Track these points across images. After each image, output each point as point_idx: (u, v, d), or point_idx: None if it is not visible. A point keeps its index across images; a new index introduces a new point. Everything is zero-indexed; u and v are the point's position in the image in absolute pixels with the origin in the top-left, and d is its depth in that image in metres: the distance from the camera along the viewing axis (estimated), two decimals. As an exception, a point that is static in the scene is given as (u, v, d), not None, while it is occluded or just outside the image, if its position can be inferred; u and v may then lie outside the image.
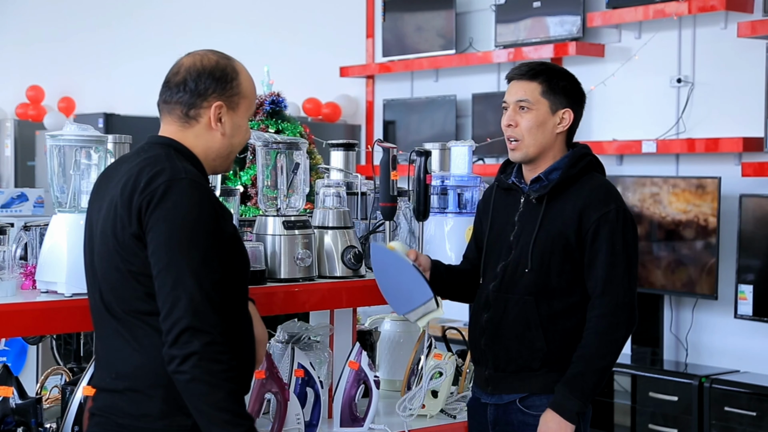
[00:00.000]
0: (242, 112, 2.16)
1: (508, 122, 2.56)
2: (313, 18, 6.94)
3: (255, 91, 2.21)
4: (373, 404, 2.71)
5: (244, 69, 2.19)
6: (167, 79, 2.16)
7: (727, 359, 4.74)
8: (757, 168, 4.50)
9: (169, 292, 1.93)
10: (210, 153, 2.14)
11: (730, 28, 4.75)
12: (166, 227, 1.95)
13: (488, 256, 2.61)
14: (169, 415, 2.00)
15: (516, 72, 2.57)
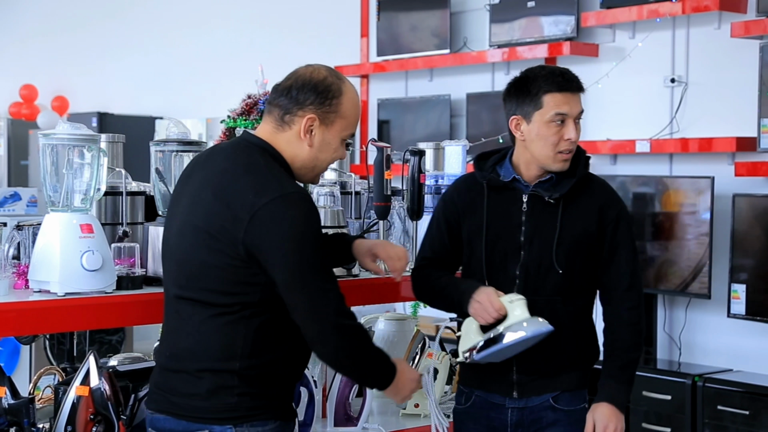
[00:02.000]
0: (335, 131, 2.24)
1: (574, 137, 2.51)
2: (307, 17, 6.94)
3: (357, 114, 2.29)
4: (366, 404, 2.71)
5: (353, 92, 2.27)
6: (278, 83, 2.28)
7: (720, 358, 4.75)
8: (750, 168, 4.51)
9: (307, 301, 2.13)
10: (296, 161, 2.24)
11: (724, 28, 4.75)
12: (289, 245, 2.09)
13: (491, 258, 2.54)
14: (215, 394, 2.13)
15: (575, 84, 2.52)
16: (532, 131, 2.51)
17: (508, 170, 2.58)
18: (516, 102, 2.54)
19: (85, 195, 2.39)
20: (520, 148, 2.57)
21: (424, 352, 2.89)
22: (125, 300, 2.38)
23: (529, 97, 2.50)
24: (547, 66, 2.61)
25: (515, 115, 2.54)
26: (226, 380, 2.13)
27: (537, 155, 2.52)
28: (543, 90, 2.49)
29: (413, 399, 2.87)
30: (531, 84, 2.50)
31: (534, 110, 2.50)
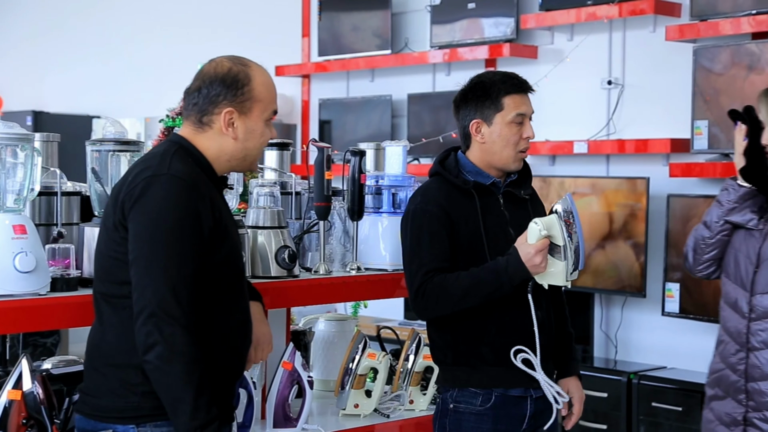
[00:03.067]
0: (256, 116, 2.24)
1: (532, 135, 2.64)
2: (248, 16, 6.90)
3: (272, 92, 2.28)
4: (306, 404, 2.71)
5: (262, 73, 2.27)
6: (188, 87, 2.27)
7: (655, 356, 4.84)
8: (684, 168, 4.61)
9: (138, 281, 2.07)
10: (223, 156, 2.24)
11: (659, 31, 4.85)
12: (142, 220, 2.08)
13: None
14: (118, 391, 2.13)
15: (528, 85, 2.63)
16: (493, 133, 2.59)
17: (480, 173, 2.62)
18: (475, 106, 2.60)
19: (18, 195, 2.35)
20: (478, 151, 2.63)
21: (364, 353, 2.90)
22: (60, 302, 2.35)
23: (489, 100, 2.58)
24: (497, 71, 2.69)
25: (475, 119, 2.60)
26: (129, 376, 2.11)
27: (499, 156, 2.60)
28: (503, 92, 2.58)
29: (353, 399, 2.88)
30: (490, 88, 2.59)
31: (495, 112, 2.58)
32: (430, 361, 2.94)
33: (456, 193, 2.59)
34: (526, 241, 2.48)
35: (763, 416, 2.48)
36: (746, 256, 2.52)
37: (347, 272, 2.93)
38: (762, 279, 2.49)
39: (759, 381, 2.48)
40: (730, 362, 2.55)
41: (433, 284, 2.52)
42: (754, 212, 2.52)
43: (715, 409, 2.60)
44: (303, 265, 2.92)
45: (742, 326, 2.52)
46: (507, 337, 2.56)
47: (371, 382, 2.95)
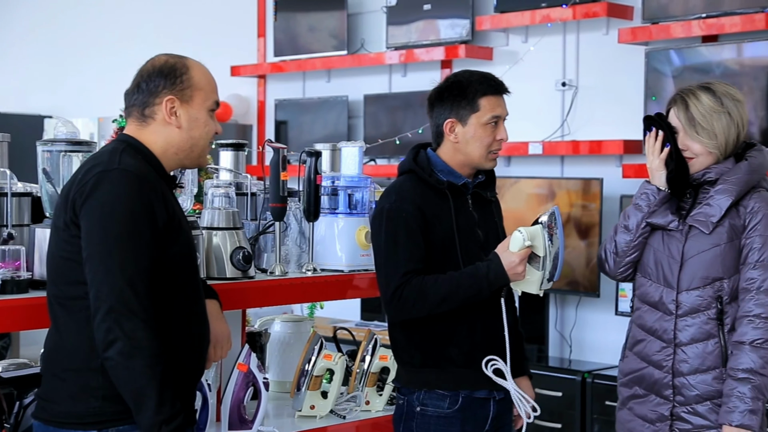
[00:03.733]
0: (198, 104, 2.24)
1: (506, 137, 2.64)
2: (203, 16, 6.85)
3: (212, 83, 2.28)
4: (261, 406, 2.70)
5: (198, 65, 2.28)
6: (126, 89, 2.27)
7: (609, 355, 4.89)
8: (637, 169, 4.66)
9: (93, 277, 2.04)
10: (170, 148, 2.23)
11: (612, 34, 4.90)
12: (93, 215, 2.06)
13: (468, 260, 2.58)
14: (78, 396, 2.10)
15: (504, 87, 2.63)
16: (467, 133, 2.59)
17: (452, 172, 2.63)
18: (450, 106, 2.60)
19: (-32, 196, 2.31)
20: (450, 151, 2.63)
21: (320, 354, 2.89)
22: (10, 304, 2.31)
23: (465, 101, 2.58)
24: (475, 71, 2.67)
25: (450, 119, 2.60)
26: (88, 380, 2.08)
27: (472, 156, 2.61)
28: (480, 93, 2.58)
29: (309, 401, 2.87)
30: (467, 88, 2.59)
31: (470, 113, 2.59)
32: (386, 362, 2.94)
33: (430, 192, 2.59)
34: (508, 248, 2.50)
35: (691, 409, 2.56)
36: (669, 256, 2.60)
37: (303, 273, 2.92)
38: (686, 277, 2.57)
39: (687, 375, 2.56)
40: (654, 360, 2.62)
41: (410, 287, 2.50)
42: (673, 214, 2.61)
43: (635, 408, 2.66)
44: (258, 267, 2.91)
45: (669, 323, 2.58)
46: (476, 339, 2.59)
47: (327, 383, 2.94)
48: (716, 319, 2.54)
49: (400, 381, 2.67)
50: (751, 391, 2.45)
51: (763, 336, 2.47)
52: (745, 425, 2.45)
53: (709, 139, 2.56)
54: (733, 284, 2.53)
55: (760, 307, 2.48)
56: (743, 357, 2.47)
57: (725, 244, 2.54)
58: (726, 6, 4.46)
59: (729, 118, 2.56)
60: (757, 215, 2.52)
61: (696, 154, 2.58)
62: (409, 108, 5.61)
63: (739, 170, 2.55)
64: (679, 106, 2.61)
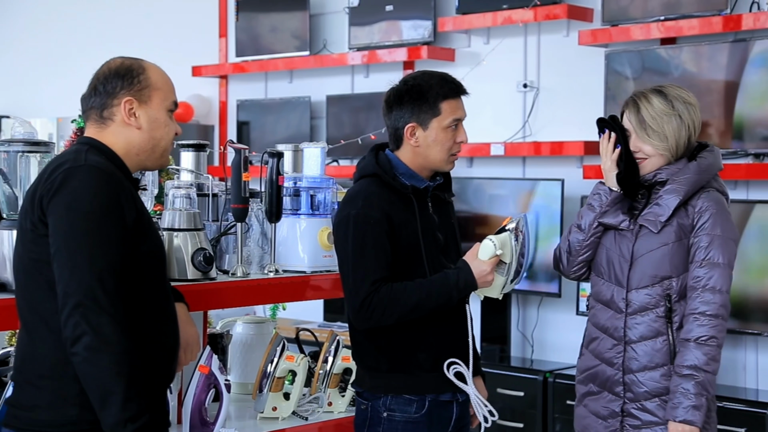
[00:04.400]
0: (157, 104, 2.22)
1: (466, 139, 2.64)
2: (164, 16, 6.81)
3: (169, 84, 2.26)
4: (223, 408, 2.68)
5: (154, 66, 2.26)
6: (83, 94, 2.25)
7: (570, 354, 4.91)
8: (597, 170, 4.68)
9: (61, 272, 2.01)
10: (132, 149, 2.21)
11: (572, 35, 4.95)
12: (61, 211, 2.03)
13: (432, 265, 2.58)
14: (55, 405, 2.06)
15: (463, 89, 2.63)
16: (429, 137, 2.59)
17: (414, 176, 2.62)
18: (411, 110, 2.58)
19: (-77, 197, 2.27)
20: (410, 154, 2.62)
21: (283, 355, 2.88)
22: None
23: (426, 105, 2.57)
24: (433, 72, 2.65)
25: (411, 123, 2.58)
26: (65, 388, 2.05)
27: (432, 159, 2.61)
28: (441, 97, 2.57)
29: (271, 402, 2.86)
30: (427, 92, 2.57)
31: (432, 117, 2.58)
32: (349, 363, 2.94)
33: (394, 197, 2.58)
34: (477, 256, 2.52)
35: (640, 405, 2.61)
36: (620, 255, 2.65)
37: (265, 274, 2.91)
38: (636, 275, 2.61)
39: (636, 372, 2.61)
40: (606, 357, 2.67)
41: (380, 295, 2.49)
42: (624, 214, 2.65)
43: (590, 405, 2.72)
44: (220, 268, 2.89)
45: (620, 321, 2.62)
46: (443, 343, 2.60)
47: (289, 385, 2.93)
48: (665, 317, 2.58)
49: (362, 385, 2.66)
50: (695, 387, 2.50)
51: (707, 333, 2.51)
52: (688, 420, 2.50)
53: (660, 141, 2.61)
54: (682, 283, 2.58)
55: (705, 305, 2.52)
56: (688, 354, 2.52)
57: (673, 243, 2.58)
58: (684, 9, 4.51)
59: (679, 121, 2.61)
60: (705, 214, 2.56)
61: (647, 156, 2.63)
62: (372, 109, 5.62)
63: (688, 170, 2.60)
64: (631, 108, 2.66)
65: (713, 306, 2.51)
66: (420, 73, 2.65)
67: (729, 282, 2.55)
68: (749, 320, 4.26)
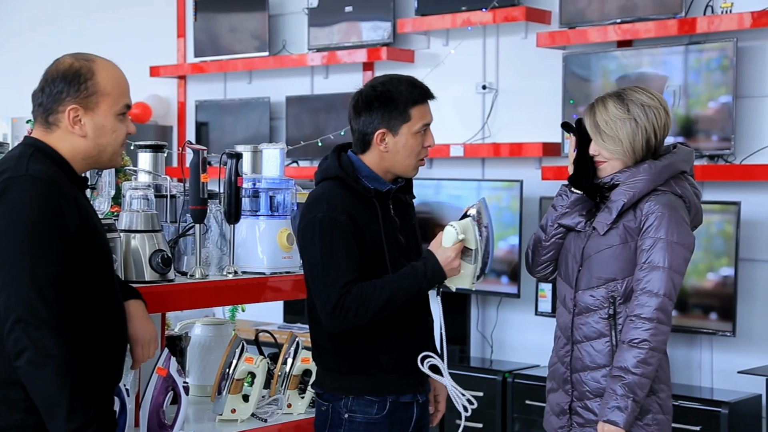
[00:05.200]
0: (104, 112, 2.17)
1: (434, 143, 2.66)
2: (121, 15, 6.74)
3: (121, 85, 2.21)
4: (181, 411, 2.67)
5: (108, 66, 2.20)
6: (34, 90, 2.20)
7: (529, 355, 4.96)
8: (555, 172, 4.74)
9: (2, 285, 1.98)
10: (77, 155, 2.18)
11: (530, 38, 4.98)
12: (1, 222, 2.00)
13: (395, 267, 2.58)
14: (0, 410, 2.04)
15: (431, 93, 2.63)
16: (398, 143, 2.59)
17: (377, 179, 2.62)
18: (381, 116, 2.58)
19: None
20: (377, 158, 2.62)
21: (242, 357, 2.87)
22: None
23: (397, 111, 2.58)
24: (400, 77, 2.66)
25: (381, 129, 2.58)
26: (9, 393, 2.04)
27: (400, 164, 2.62)
28: (411, 103, 2.59)
29: (229, 404, 2.84)
30: (397, 98, 2.58)
31: (402, 123, 2.58)
32: (308, 364, 2.93)
33: (357, 199, 2.58)
34: (441, 244, 2.52)
35: (584, 405, 2.64)
36: (573, 255, 2.69)
37: (224, 276, 2.90)
38: (584, 277, 2.65)
39: (581, 372, 2.65)
40: (559, 355, 2.73)
41: (351, 297, 2.48)
42: (582, 215, 2.69)
43: (550, 400, 2.77)
44: (178, 269, 2.87)
45: (568, 321, 2.67)
46: (405, 344, 2.60)
47: (249, 387, 2.92)
48: (608, 318, 2.61)
49: (323, 387, 2.65)
50: (621, 388, 2.52)
51: (640, 336, 2.52)
52: (611, 421, 2.52)
53: (614, 146, 2.64)
54: (627, 285, 2.60)
55: (640, 308, 2.54)
56: (620, 355, 2.55)
57: (618, 245, 2.61)
58: (640, 12, 4.57)
59: (635, 125, 2.62)
60: (651, 218, 2.58)
61: (606, 159, 2.66)
62: (332, 110, 5.61)
63: (639, 173, 2.62)
64: (588, 113, 2.70)
65: (648, 309, 2.52)
66: (388, 78, 2.64)
67: (670, 286, 2.54)
68: (703, 320, 4.33)
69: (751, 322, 4.37)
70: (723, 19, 4.31)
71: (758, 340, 4.36)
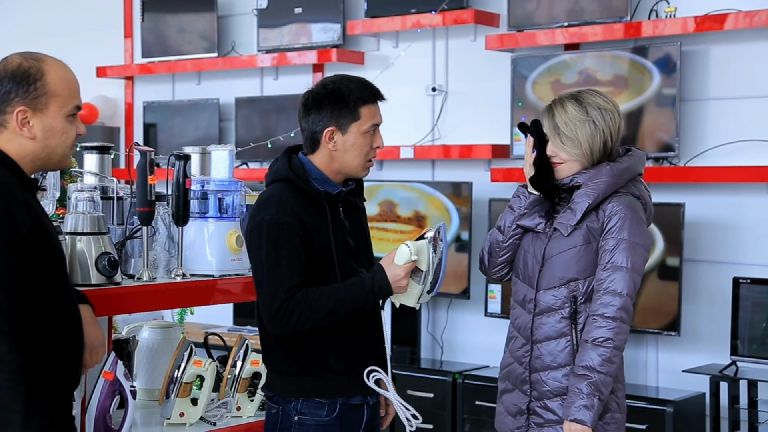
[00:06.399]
0: (53, 113, 2.13)
1: (383, 144, 2.65)
2: (67, 15, 6.65)
3: (71, 87, 2.16)
4: (128, 415, 2.64)
5: (58, 66, 2.15)
6: None
7: (478, 355, 5.00)
8: (505, 173, 4.78)
9: None
10: (26, 156, 2.13)
11: (479, 40, 5.02)
12: None
13: (343, 270, 2.58)
14: None
15: (381, 94, 2.63)
16: (347, 142, 2.59)
17: (327, 181, 2.62)
18: (330, 114, 2.58)
19: None
20: (326, 158, 2.61)
21: (190, 360, 2.84)
22: None
23: (347, 109, 2.57)
24: (351, 77, 2.66)
25: (330, 127, 2.58)
26: None
27: (349, 164, 2.61)
28: (360, 102, 2.58)
29: (178, 408, 2.82)
30: (347, 96, 2.58)
31: (351, 122, 2.58)
32: (258, 367, 2.92)
33: (307, 202, 2.57)
34: (393, 261, 2.53)
35: (543, 404, 2.66)
36: (533, 256, 2.70)
37: (172, 279, 2.87)
38: (546, 277, 2.67)
39: (540, 371, 2.67)
40: (517, 356, 2.73)
41: (295, 301, 2.48)
42: (542, 217, 2.71)
43: (505, 401, 2.78)
44: (126, 272, 2.84)
45: (528, 321, 2.69)
46: (355, 346, 2.60)
47: (197, 390, 2.90)
48: (569, 318, 2.63)
49: (273, 390, 2.64)
50: (588, 387, 2.55)
51: (604, 335, 2.56)
52: (578, 420, 2.55)
53: (573, 147, 2.66)
54: (588, 285, 2.63)
55: (604, 307, 2.57)
56: (584, 354, 2.57)
57: (581, 246, 2.64)
58: (587, 16, 4.63)
59: (593, 127, 2.65)
60: (613, 218, 2.61)
61: (563, 160, 2.68)
62: (282, 111, 5.59)
63: (601, 175, 2.65)
64: (547, 114, 2.71)
65: (611, 308, 2.56)
66: (338, 78, 2.65)
67: (632, 286, 2.58)
68: (649, 320, 4.39)
69: (695, 322, 4.45)
70: (667, 24, 4.39)
71: (702, 339, 4.44)
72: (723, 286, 4.31)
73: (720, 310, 4.35)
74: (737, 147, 4.35)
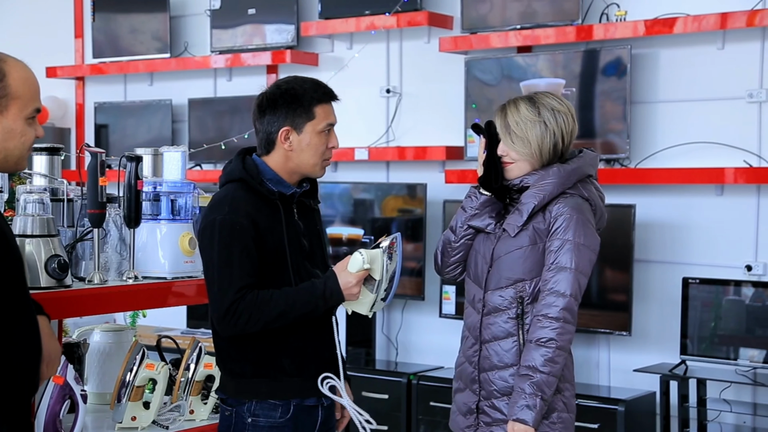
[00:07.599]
0: (13, 115, 2.08)
1: (338, 144, 2.66)
2: (16, 14, 6.55)
3: (32, 89, 2.11)
4: (79, 420, 2.61)
5: (20, 68, 2.10)
6: None
7: (433, 356, 5.01)
8: (459, 175, 4.81)
9: None
10: None
11: (433, 42, 5.04)
12: None
13: (297, 271, 2.57)
14: None
15: (335, 95, 2.64)
16: (303, 141, 2.58)
17: (281, 182, 2.61)
18: (285, 114, 2.58)
19: None
20: (281, 159, 2.61)
21: (142, 363, 2.82)
22: None
23: (301, 109, 2.57)
24: (305, 77, 2.67)
25: (285, 127, 2.58)
26: None
27: (305, 164, 2.60)
28: (315, 101, 2.59)
29: (130, 412, 2.79)
30: (302, 96, 2.58)
31: (306, 121, 2.58)
32: (211, 370, 2.90)
33: (261, 202, 2.56)
34: (346, 268, 2.53)
35: (491, 404, 2.69)
36: (483, 256, 2.73)
37: (124, 281, 2.84)
38: (494, 277, 2.70)
39: (488, 371, 2.69)
40: (467, 355, 2.76)
41: (245, 303, 2.47)
42: (492, 217, 2.73)
43: (457, 400, 2.81)
44: (76, 275, 2.80)
45: (477, 321, 2.72)
46: (307, 348, 2.60)
47: (150, 394, 2.87)
48: (516, 318, 2.66)
49: (226, 392, 2.63)
50: (530, 387, 2.57)
51: (546, 335, 2.58)
52: (521, 419, 2.57)
53: (523, 147, 2.68)
54: (535, 286, 2.65)
55: (547, 308, 2.60)
56: (528, 354, 2.60)
57: (527, 246, 2.66)
58: (540, 19, 4.67)
59: (544, 128, 2.68)
60: (559, 219, 2.64)
61: (513, 160, 2.71)
62: (236, 113, 5.56)
63: (548, 176, 2.67)
64: (500, 114, 2.74)
65: (555, 309, 2.58)
66: (292, 78, 2.66)
67: (576, 286, 2.60)
68: (600, 320, 4.44)
69: (645, 321, 4.51)
70: (618, 27, 4.44)
71: (653, 339, 4.51)
72: (673, 287, 4.38)
73: (670, 310, 4.41)
74: (686, 149, 4.42)
